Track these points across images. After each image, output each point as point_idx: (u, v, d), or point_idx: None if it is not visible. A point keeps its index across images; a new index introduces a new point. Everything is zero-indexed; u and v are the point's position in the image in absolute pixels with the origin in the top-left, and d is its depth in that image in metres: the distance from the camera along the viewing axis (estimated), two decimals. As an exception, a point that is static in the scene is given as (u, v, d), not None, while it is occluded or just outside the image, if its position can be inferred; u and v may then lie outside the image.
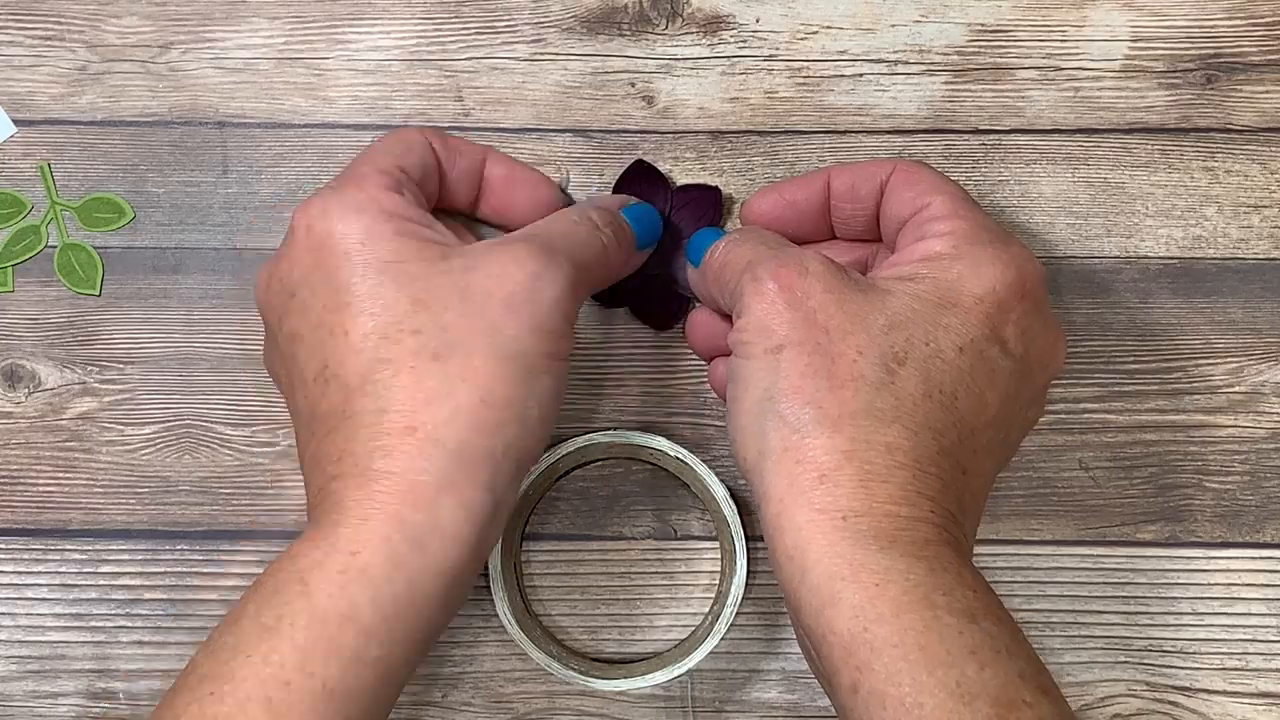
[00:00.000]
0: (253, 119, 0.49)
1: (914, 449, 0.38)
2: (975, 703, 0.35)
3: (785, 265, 0.40)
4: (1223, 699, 0.48)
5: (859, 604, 0.36)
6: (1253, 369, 0.49)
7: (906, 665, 0.35)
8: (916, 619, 0.36)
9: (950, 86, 0.49)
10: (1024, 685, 0.36)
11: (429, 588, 0.37)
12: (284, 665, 0.36)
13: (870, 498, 0.37)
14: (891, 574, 0.36)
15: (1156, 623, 0.48)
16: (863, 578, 0.37)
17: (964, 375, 0.39)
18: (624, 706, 0.48)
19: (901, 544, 0.37)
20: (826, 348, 0.39)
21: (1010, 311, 0.40)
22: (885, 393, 0.38)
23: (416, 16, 0.49)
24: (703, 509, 0.49)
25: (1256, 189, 0.49)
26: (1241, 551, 0.48)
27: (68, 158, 0.49)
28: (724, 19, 0.49)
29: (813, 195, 0.45)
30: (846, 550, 0.37)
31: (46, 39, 0.49)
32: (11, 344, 0.49)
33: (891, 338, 0.39)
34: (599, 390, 0.49)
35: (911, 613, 0.36)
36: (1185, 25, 0.49)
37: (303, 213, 0.40)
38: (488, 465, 0.38)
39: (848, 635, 0.36)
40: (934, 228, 0.41)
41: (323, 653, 0.36)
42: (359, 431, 0.38)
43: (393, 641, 0.37)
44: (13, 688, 0.48)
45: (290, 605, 0.37)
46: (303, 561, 0.37)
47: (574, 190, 0.49)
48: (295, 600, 0.37)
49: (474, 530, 0.38)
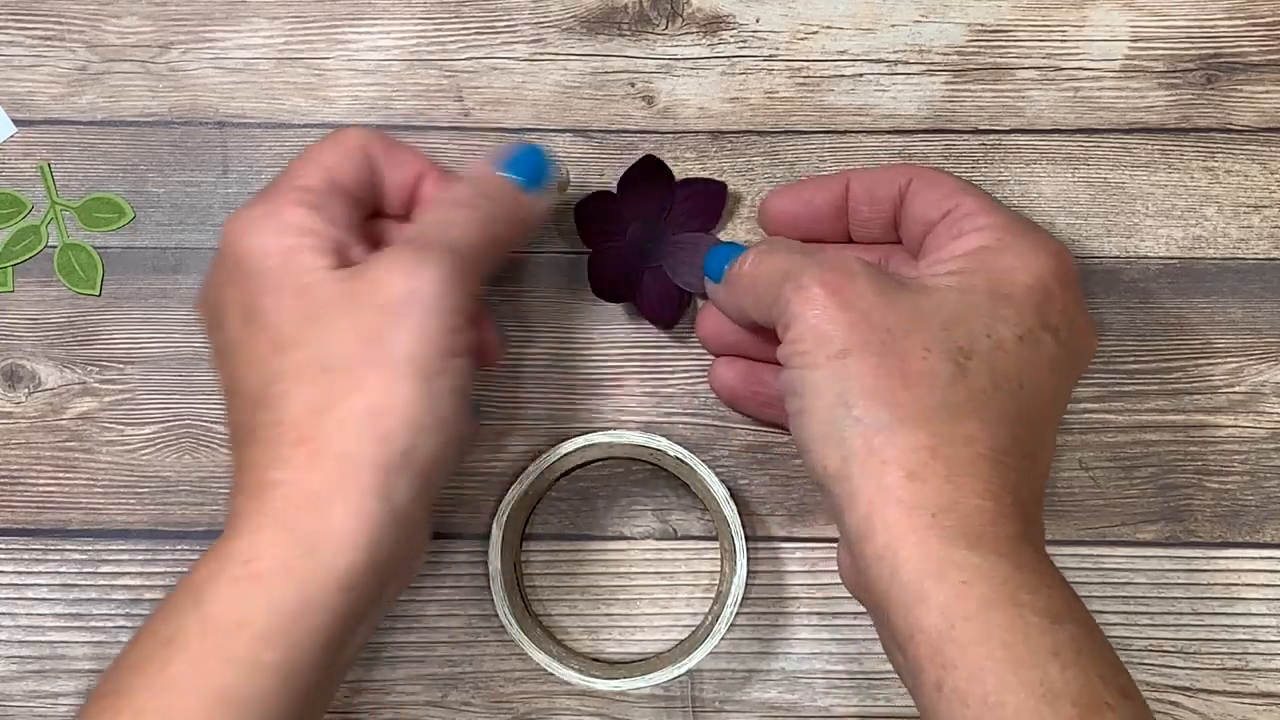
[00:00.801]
0: (253, 119, 0.49)
1: (991, 441, 0.39)
2: (1057, 703, 0.35)
3: (829, 270, 0.40)
4: (1223, 699, 0.48)
5: (946, 602, 0.37)
6: (1253, 369, 0.49)
7: (991, 664, 0.36)
8: (1002, 618, 0.36)
9: (950, 86, 0.49)
10: (1105, 687, 0.36)
11: (327, 594, 0.38)
12: (179, 675, 0.37)
13: (957, 492, 0.38)
14: (979, 572, 0.37)
15: (1156, 623, 0.48)
16: (950, 575, 0.37)
17: (1026, 364, 0.40)
18: (624, 706, 0.48)
19: (988, 541, 0.38)
20: (892, 347, 0.39)
21: (1056, 300, 0.41)
22: (958, 387, 0.39)
23: (416, 16, 0.49)
24: (703, 509, 0.49)
25: (1256, 189, 0.49)
26: (1241, 551, 0.48)
27: (68, 158, 0.49)
28: (724, 19, 0.49)
29: (831, 198, 0.46)
30: (935, 548, 0.37)
31: (46, 39, 0.49)
32: (11, 344, 0.49)
33: (954, 333, 0.39)
34: (599, 390, 0.49)
35: (997, 611, 0.37)
36: (1185, 25, 0.49)
37: (229, 226, 0.41)
38: (380, 473, 0.38)
39: (935, 633, 0.37)
40: (972, 223, 0.42)
41: (217, 660, 0.37)
42: (258, 444, 0.39)
43: (291, 646, 0.37)
44: (13, 688, 0.48)
45: (185, 617, 0.37)
46: (198, 575, 0.38)
47: (574, 190, 0.49)
48: (189, 612, 0.37)
49: (369, 538, 0.38)
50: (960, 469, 0.38)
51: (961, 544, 0.37)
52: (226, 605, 0.37)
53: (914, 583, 0.37)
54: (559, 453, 0.46)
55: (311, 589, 0.37)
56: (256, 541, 0.38)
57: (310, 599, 0.37)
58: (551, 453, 0.46)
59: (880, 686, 0.49)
